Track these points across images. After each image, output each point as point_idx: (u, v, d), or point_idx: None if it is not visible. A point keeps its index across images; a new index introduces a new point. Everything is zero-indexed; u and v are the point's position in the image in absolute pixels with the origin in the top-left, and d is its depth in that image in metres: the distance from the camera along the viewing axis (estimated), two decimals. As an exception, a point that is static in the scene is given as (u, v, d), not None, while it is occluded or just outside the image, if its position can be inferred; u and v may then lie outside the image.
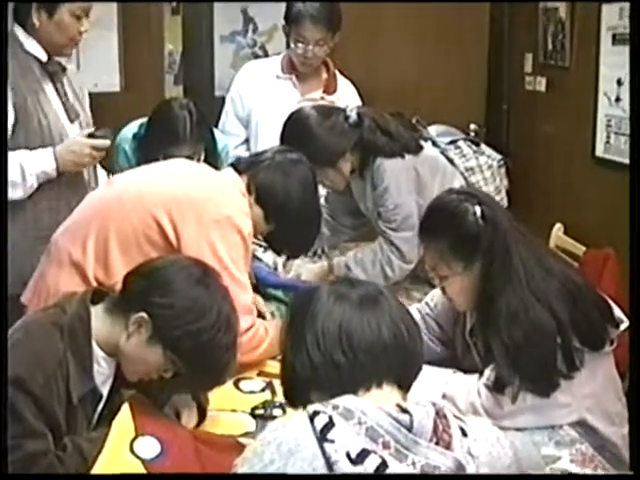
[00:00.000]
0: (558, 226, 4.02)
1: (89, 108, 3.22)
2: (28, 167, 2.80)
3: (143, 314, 1.95)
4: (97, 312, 2.03)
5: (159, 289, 1.98)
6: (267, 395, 2.39)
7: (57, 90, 2.95)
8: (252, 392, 2.42)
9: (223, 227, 2.40)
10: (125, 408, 1.99)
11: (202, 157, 3.21)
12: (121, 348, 1.99)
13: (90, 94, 3.31)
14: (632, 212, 2.22)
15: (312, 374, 1.51)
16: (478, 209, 2.22)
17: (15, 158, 2.79)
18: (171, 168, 2.69)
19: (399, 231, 3.04)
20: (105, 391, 2.05)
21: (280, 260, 3.21)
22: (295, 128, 2.98)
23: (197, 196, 2.45)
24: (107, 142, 2.91)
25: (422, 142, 3.18)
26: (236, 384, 2.45)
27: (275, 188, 2.54)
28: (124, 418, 1.97)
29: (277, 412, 2.28)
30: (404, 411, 1.39)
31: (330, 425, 1.35)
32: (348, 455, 1.32)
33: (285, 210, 2.54)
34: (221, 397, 2.32)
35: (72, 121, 2.96)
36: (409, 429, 1.36)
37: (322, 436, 1.34)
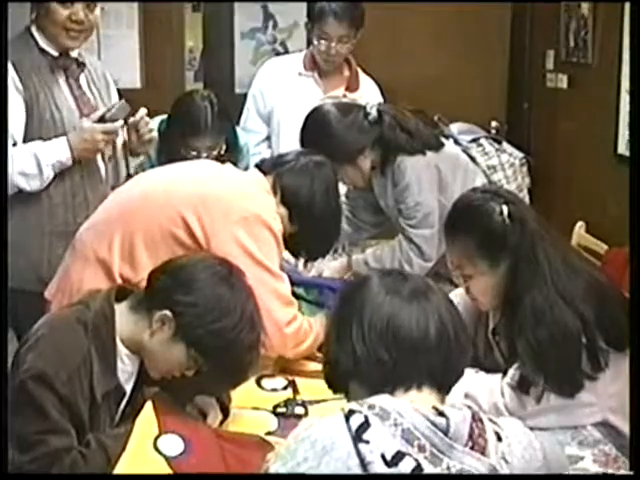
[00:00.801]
0: (580, 224, 4.01)
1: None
2: (43, 158, 2.80)
3: (167, 312, 1.95)
4: (121, 309, 2.03)
5: (183, 287, 1.98)
6: (289, 393, 2.39)
7: (70, 85, 2.95)
8: (274, 390, 2.42)
9: (252, 224, 2.40)
10: (148, 406, 1.99)
11: (223, 149, 3.22)
12: (144, 345, 2.00)
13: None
14: (632, 210, 2.20)
15: (354, 366, 1.50)
16: (505, 208, 2.21)
17: (29, 149, 2.79)
18: (197, 168, 2.70)
19: (419, 228, 3.04)
20: (129, 388, 2.05)
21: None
22: (314, 124, 2.99)
23: (224, 195, 2.46)
24: (117, 125, 2.88)
25: (443, 140, 3.17)
26: (258, 382, 2.45)
27: (300, 190, 2.54)
28: (148, 416, 1.97)
29: (299, 410, 2.28)
30: (441, 414, 1.38)
31: (366, 425, 1.34)
32: (383, 457, 1.31)
33: (308, 212, 2.54)
34: (243, 395, 2.33)
35: (86, 116, 2.95)
36: (445, 433, 1.35)
37: (357, 436, 1.33)
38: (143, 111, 2.96)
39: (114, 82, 3.26)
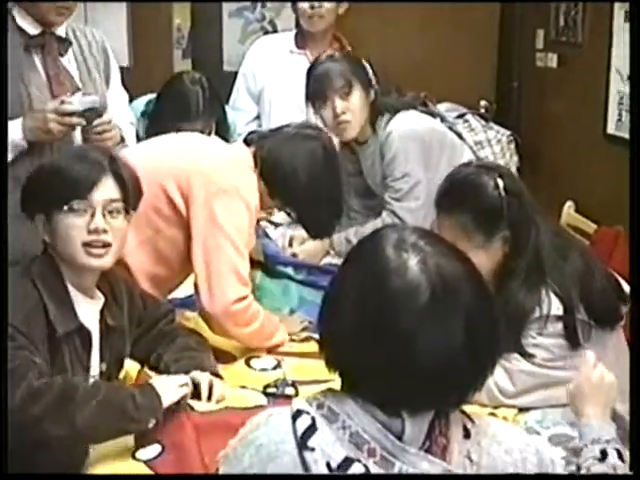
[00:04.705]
0: (569, 204, 4.00)
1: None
2: None
3: (37, 218, 2.08)
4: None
5: (29, 189, 2.12)
6: (279, 373, 2.39)
7: (45, 64, 2.88)
8: (264, 370, 2.42)
9: (230, 197, 2.40)
10: None
11: (213, 131, 3.21)
12: (59, 254, 2.06)
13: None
14: (632, 193, 2.21)
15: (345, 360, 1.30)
16: (500, 181, 2.22)
17: None
18: (181, 141, 2.69)
19: (403, 201, 3.05)
20: (94, 337, 2.07)
21: (283, 240, 3.19)
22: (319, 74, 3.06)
23: (206, 167, 2.46)
24: (72, 107, 2.68)
25: (430, 118, 3.18)
26: (247, 362, 2.45)
27: (277, 162, 2.49)
28: None
29: (289, 391, 2.27)
30: (395, 414, 1.27)
31: (312, 429, 1.26)
32: (328, 466, 1.24)
33: (288, 185, 2.49)
34: (233, 375, 2.34)
35: (56, 97, 2.85)
36: (400, 435, 1.27)
37: (303, 442, 1.26)
38: (108, 117, 2.87)
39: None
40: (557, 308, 2.18)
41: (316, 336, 1.42)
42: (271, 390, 2.28)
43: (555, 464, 1.42)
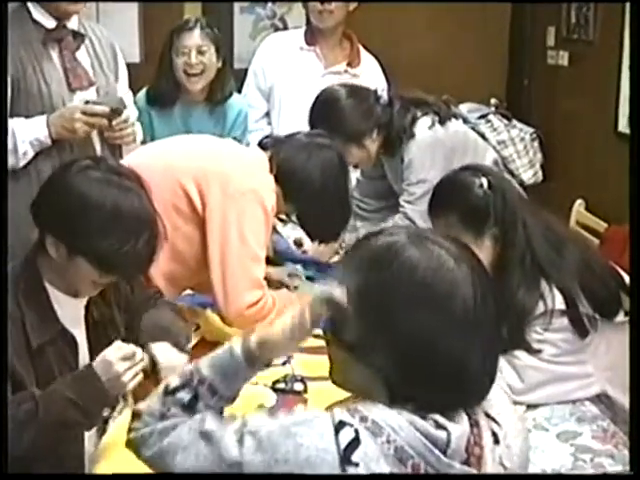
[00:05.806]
0: (579, 202, 3.99)
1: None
2: (20, 134, 2.71)
3: (49, 237, 1.91)
4: (42, 255, 1.98)
5: (48, 205, 1.94)
6: (288, 369, 2.39)
7: (63, 57, 2.89)
8: (273, 365, 2.41)
9: (248, 199, 2.42)
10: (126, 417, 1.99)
11: (213, 55, 3.41)
12: (61, 278, 1.96)
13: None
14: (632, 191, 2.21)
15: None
16: (484, 180, 2.25)
17: (8, 125, 2.71)
18: (200, 142, 2.72)
19: (416, 204, 3.05)
20: (80, 336, 2.01)
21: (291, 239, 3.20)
22: (324, 104, 3.01)
23: (225, 168, 2.48)
24: (99, 108, 2.73)
25: (453, 120, 3.17)
26: (256, 357, 2.45)
27: (294, 168, 2.53)
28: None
29: (298, 387, 2.28)
30: (440, 427, 1.25)
31: (355, 443, 1.22)
32: None
33: (303, 191, 2.53)
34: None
35: (74, 90, 2.87)
36: (445, 449, 1.24)
37: (346, 456, 1.22)
38: (126, 115, 2.87)
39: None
40: (560, 302, 2.19)
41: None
42: (280, 386, 2.29)
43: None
